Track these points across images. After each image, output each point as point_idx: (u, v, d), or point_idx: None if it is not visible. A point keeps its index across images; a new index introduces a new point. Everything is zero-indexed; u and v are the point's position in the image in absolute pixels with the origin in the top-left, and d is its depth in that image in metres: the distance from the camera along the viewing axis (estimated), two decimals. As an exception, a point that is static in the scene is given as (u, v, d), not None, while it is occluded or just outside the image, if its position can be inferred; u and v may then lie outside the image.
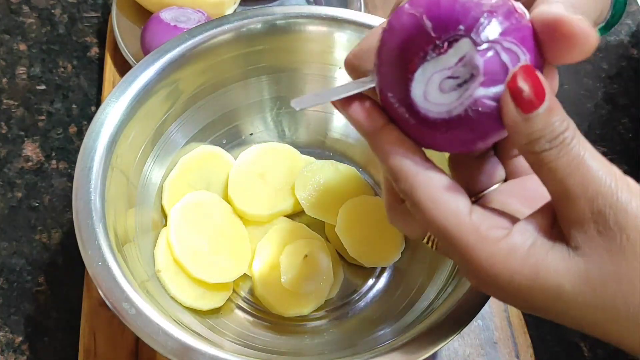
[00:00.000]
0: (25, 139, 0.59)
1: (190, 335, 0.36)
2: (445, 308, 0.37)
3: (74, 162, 0.51)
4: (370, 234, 0.49)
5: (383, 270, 0.50)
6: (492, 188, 0.30)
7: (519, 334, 0.49)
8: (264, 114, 0.53)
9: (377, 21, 0.49)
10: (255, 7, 0.65)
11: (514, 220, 0.27)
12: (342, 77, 0.51)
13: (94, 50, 0.65)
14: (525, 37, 0.25)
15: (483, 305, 0.37)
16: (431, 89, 0.26)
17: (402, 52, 0.26)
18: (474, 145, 0.27)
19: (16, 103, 0.61)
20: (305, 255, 0.48)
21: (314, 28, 0.50)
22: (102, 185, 0.40)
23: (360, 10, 0.64)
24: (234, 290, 0.48)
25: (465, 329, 0.37)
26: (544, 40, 0.25)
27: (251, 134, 0.54)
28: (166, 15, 0.59)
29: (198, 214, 0.47)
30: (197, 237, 0.46)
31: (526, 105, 0.24)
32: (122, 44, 0.60)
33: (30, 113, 0.61)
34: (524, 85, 0.24)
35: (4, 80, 0.62)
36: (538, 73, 0.24)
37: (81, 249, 0.37)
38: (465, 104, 0.25)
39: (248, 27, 0.48)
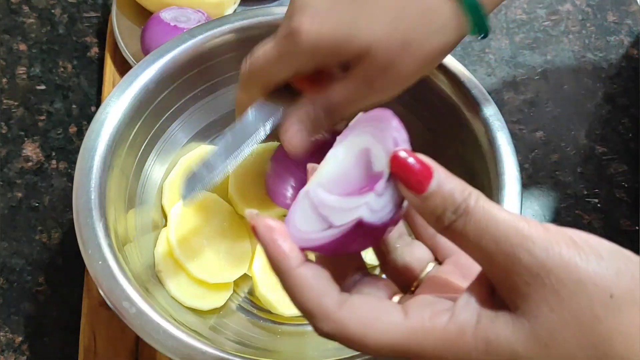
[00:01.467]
0: (25, 139, 0.59)
1: (191, 334, 0.36)
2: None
3: (74, 162, 0.51)
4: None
5: (383, 270, 0.50)
6: (427, 270, 0.30)
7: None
8: (264, 114, 0.53)
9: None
10: (255, 7, 0.65)
11: (453, 298, 0.26)
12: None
13: (94, 50, 0.65)
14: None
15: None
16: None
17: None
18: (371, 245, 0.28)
19: (16, 103, 0.61)
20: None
21: (314, 28, 0.50)
22: (102, 185, 0.40)
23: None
24: (234, 290, 0.48)
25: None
26: None
27: (251, 134, 0.54)
28: (166, 15, 0.59)
29: (198, 214, 0.47)
30: (197, 237, 0.46)
31: (416, 188, 0.24)
32: (122, 44, 0.60)
33: (30, 113, 0.61)
34: (403, 171, 0.25)
35: (4, 80, 0.62)
36: (413, 154, 0.25)
37: (81, 248, 0.37)
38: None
39: (248, 27, 0.48)
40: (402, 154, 0.25)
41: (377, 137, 0.27)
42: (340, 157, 0.28)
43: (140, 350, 0.47)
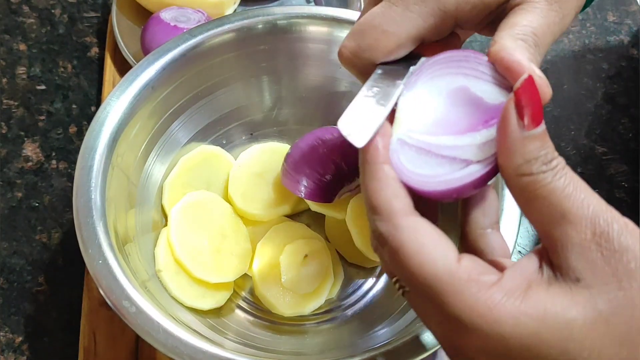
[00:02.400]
0: (25, 139, 0.59)
1: (191, 334, 0.36)
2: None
3: (74, 162, 0.51)
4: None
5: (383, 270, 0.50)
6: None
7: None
8: (264, 114, 0.53)
9: None
10: (255, 7, 0.65)
11: (501, 268, 0.25)
12: (342, 77, 0.51)
13: (94, 50, 0.65)
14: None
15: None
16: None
17: None
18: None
19: (16, 103, 0.61)
20: (306, 255, 0.48)
21: (314, 28, 0.50)
22: (102, 184, 0.40)
23: (360, 10, 0.64)
24: (234, 290, 0.48)
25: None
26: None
27: (251, 134, 0.54)
28: (166, 15, 0.59)
29: (198, 214, 0.47)
30: (197, 237, 0.46)
31: (533, 116, 0.23)
32: (122, 44, 0.60)
33: (30, 113, 0.61)
34: (527, 100, 0.24)
35: (4, 80, 0.62)
36: (539, 92, 0.24)
37: (81, 247, 0.37)
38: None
39: (248, 27, 0.48)
40: (532, 84, 0.24)
41: (470, 74, 0.26)
42: (426, 101, 0.27)
43: (140, 350, 0.47)
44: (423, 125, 0.27)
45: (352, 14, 0.49)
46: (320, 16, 0.49)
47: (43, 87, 0.62)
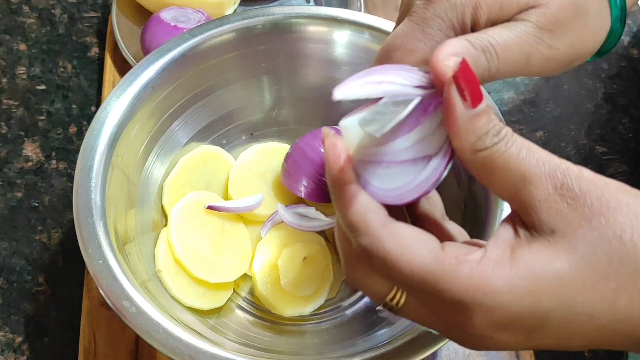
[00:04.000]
0: (25, 139, 0.59)
1: (191, 334, 0.36)
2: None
3: (74, 162, 0.51)
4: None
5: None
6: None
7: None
8: (264, 114, 0.53)
9: (377, 21, 0.49)
10: (255, 7, 0.65)
11: (479, 245, 0.26)
12: (342, 77, 0.51)
13: (94, 50, 0.65)
14: None
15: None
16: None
17: None
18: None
19: (16, 103, 0.61)
20: (305, 258, 0.48)
21: (314, 28, 0.50)
22: (102, 184, 0.40)
23: (360, 10, 0.64)
24: (234, 290, 0.48)
25: (466, 328, 0.37)
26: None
27: (251, 134, 0.54)
28: (166, 15, 0.59)
29: (198, 214, 0.47)
30: (197, 237, 0.46)
31: (472, 100, 0.25)
32: (122, 44, 0.60)
33: (30, 113, 0.61)
34: (465, 81, 0.25)
35: (4, 80, 0.62)
36: (474, 72, 0.25)
37: (81, 247, 0.37)
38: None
39: (248, 27, 0.49)
40: (466, 64, 0.25)
41: (392, 81, 0.27)
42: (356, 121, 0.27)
43: (140, 350, 0.47)
44: (372, 139, 0.27)
45: (352, 14, 0.49)
46: (320, 16, 0.49)
47: (43, 87, 0.62)
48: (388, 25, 0.48)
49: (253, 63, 0.50)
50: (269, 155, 0.52)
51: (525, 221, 0.26)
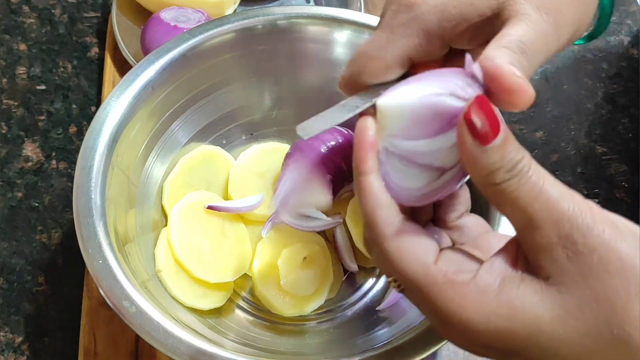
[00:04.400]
0: (25, 139, 0.59)
1: (191, 334, 0.36)
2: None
3: (74, 162, 0.51)
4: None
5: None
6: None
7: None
8: (264, 114, 0.53)
9: (377, 21, 0.49)
10: (255, 7, 0.65)
11: (480, 262, 0.26)
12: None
13: (94, 50, 0.65)
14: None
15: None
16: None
17: None
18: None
19: (16, 103, 0.61)
20: (305, 258, 0.48)
21: (314, 28, 0.50)
22: (102, 184, 0.40)
23: (360, 10, 0.64)
24: (234, 290, 0.48)
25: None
26: (488, 86, 0.26)
27: (251, 134, 0.54)
28: (166, 15, 0.59)
29: (198, 214, 0.47)
30: (197, 237, 0.46)
31: (483, 137, 0.24)
32: (122, 44, 0.60)
33: (30, 113, 0.61)
34: (479, 117, 0.24)
35: (4, 80, 0.62)
36: (491, 105, 0.25)
37: (81, 247, 0.37)
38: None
39: (248, 27, 0.48)
40: (484, 100, 0.24)
41: (446, 85, 0.26)
42: (403, 105, 0.27)
43: (140, 350, 0.47)
44: (401, 129, 0.27)
45: (352, 14, 0.49)
46: (320, 16, 0.49)
47: (43, 87, 0.62)
48: (388, 25, 0.48)
49: (253, 63, 0.50)
50: (269, 155, 0.52)
51: (528, 258, 0.25)
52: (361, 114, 0.28)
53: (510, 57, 0.26)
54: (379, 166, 0.27)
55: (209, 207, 0.47)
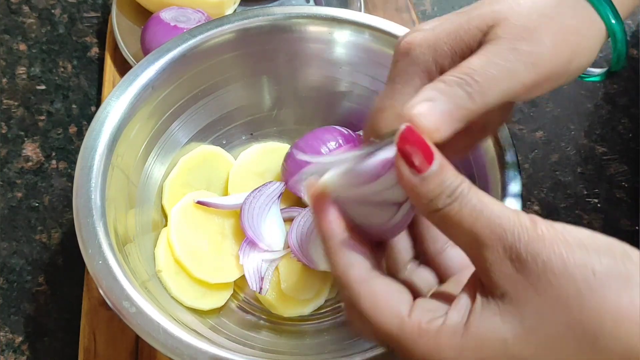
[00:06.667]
0: (25, 139, 0.59)
1: (191, 334, 0.36)
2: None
3: (74, 162, 0.51)
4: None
5: (383, 270, 0.50)
6: (432, 292, 0.31)
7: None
8: (264, 114, 0.53)
9: (377, 21, 0.49)
10: (255, 7, 0.65)
11: (452, 300, 0.27)
12: (342, 77, 0.51)
13: (94, 50, 0.65)
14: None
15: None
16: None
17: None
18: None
19: (16, 103, 0.61)
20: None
21: (314, 28, 0.50)
22: (102, 184, 0.40)
23: (360, 10, 0.64)
24: (234, 290, 0.48)
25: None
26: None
27: (251, 134, 0.54)
28: (166, 15, 0.59)
29: (198, 214, 0.47)
30: (197, 237, 0.46)
31: (419, 165, 0.25)
32: (122, 44, 0.60)
33: (30, 113, 0.61)
34: (411, 148, 0.25)
35: (4, 80, 0.62)
36: (420, 134, 0.25)
37: (81, 247, 0.37)
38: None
39: (248, 27, 0.48)
40: (412, 130, 0.25)
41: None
42: (343, 163, 0.28)
43: (140, 350, 0.47)
44: (345, 187, 0.28)
45: (352, 14, 0.49)
46: (320, 16, 0.49)
47: (43, 87, 0.62)
48: (388, 25, 0.48)
49: (253, 63, 0.50)
50: (269, 155, 0.52)
51: (482, 281, 0.26)
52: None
53: (433, 91, 0.28)
54: (343, 215, 0.28)
55: (198, 202, 0.47)
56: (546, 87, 0.31)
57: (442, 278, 0.31)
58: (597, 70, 0.37)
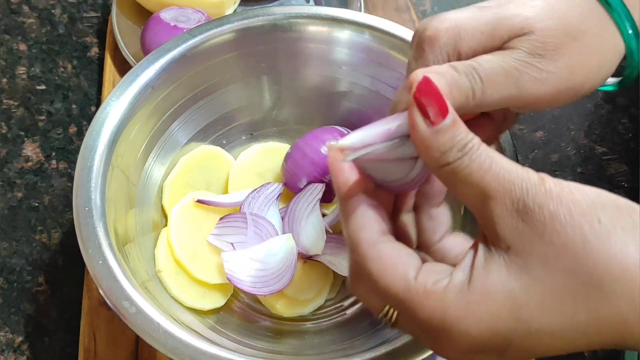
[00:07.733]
0: (25, 139, 0.59)
1: (191, 334, 0.36)
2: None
3: (74, 162, 0.51)
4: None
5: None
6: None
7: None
8: (264, 114, 0.53)
9: (377, 21, 0.49)
10: (255, 7, 0.65)
11: (456, 263, 0.27)
12: (342, 77, 0.51)
13: (94, 50, 0.65)
14: None
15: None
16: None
17: None
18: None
19: (16, 103, 0.61)
20: (305, 261, 0.48)
21: (314, 28, 0.50)
22: (102, 185, 0.40)
23: (360, 10, 0.64)
24: (234, 290, 0.48)
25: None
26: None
27: (251, 134, 0.54)
28: (166, 15, 0.59)
29: (198, 214, 0.47)
30: (197, 237, 0.46)
31: (434, 115, 0.25)
32: (122, 44, 0.60)
33: (30, 113, 0.61)
34: (427, 99, 0.25)
35: (4, 80, 0.62)
36: (436, 86, 0.26)
37: (81, 247, 0.37)
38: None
39: (248, 27, 0.48)
40: (429, 81, 0.25)
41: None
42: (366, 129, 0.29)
43: (140, 350, 0.47)
44: (362, 139, 0.28)
45: (352, 14, 0.49)
46: (320, 16, 0.49)
47: (43, 87, 0.62)
48: (388, 25, 0.48)
49: (253, 63, 0.50)
50: (269, 155, 0.52)
51: (487, 236, 0.26)
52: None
53: (443, 69, 0.28)
54: (362, 174, 0.28)
55: (198, 201, 0.47)
56: (554, 104, 0.32)
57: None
58: (611, 80, 0.37)
